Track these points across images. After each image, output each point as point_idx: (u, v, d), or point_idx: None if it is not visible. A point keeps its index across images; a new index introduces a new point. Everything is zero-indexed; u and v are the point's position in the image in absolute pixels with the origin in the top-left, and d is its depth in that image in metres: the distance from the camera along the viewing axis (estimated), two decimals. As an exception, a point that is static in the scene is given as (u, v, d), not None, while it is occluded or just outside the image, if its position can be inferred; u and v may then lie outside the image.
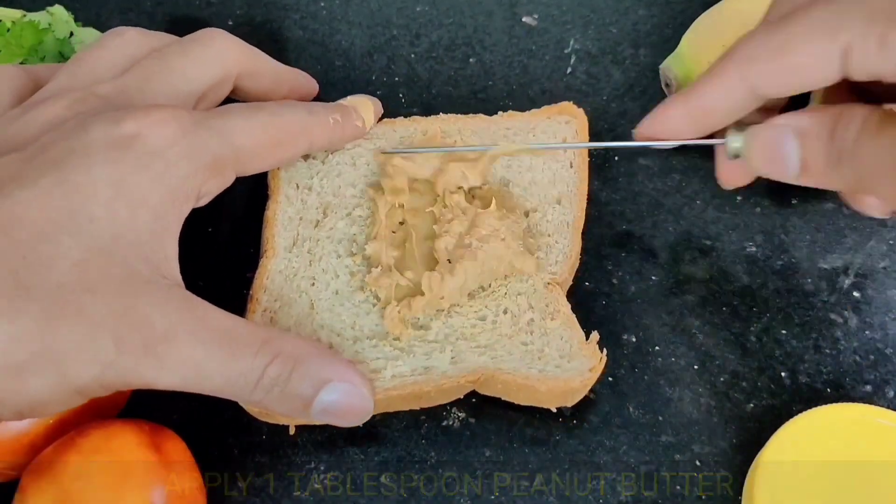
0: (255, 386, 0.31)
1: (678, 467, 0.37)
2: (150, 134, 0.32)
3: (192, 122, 0.33)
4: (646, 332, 0.40)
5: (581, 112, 0.43)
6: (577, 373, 0.36)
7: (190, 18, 0.51)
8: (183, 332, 0.30)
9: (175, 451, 0.33)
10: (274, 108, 0.37)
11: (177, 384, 0.30)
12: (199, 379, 0.31)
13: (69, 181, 0.30)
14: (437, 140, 0.42)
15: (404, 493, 0.37)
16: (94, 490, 0.31)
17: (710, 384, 0.39)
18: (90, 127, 0.32)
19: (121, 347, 0.29)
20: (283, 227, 0.40)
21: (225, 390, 0.31)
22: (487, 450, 0.37)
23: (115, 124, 0.32)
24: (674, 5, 0.50)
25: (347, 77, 0.48)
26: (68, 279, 0.29)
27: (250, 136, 0.35)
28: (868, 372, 0.39)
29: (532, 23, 0.50)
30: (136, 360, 0.29)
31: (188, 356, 0.30)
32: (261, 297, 0.38)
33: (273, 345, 0.32)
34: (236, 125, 0.35)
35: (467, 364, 0.36)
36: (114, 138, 0.31)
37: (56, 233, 0.29)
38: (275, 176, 0.42)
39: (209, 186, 0.34)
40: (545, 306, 0.38)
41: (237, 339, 0.31)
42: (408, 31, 0.50)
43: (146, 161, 0.31)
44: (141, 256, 0.31)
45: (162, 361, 0.30)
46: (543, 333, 0.37)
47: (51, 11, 0.47)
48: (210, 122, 0.34)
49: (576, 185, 0.41)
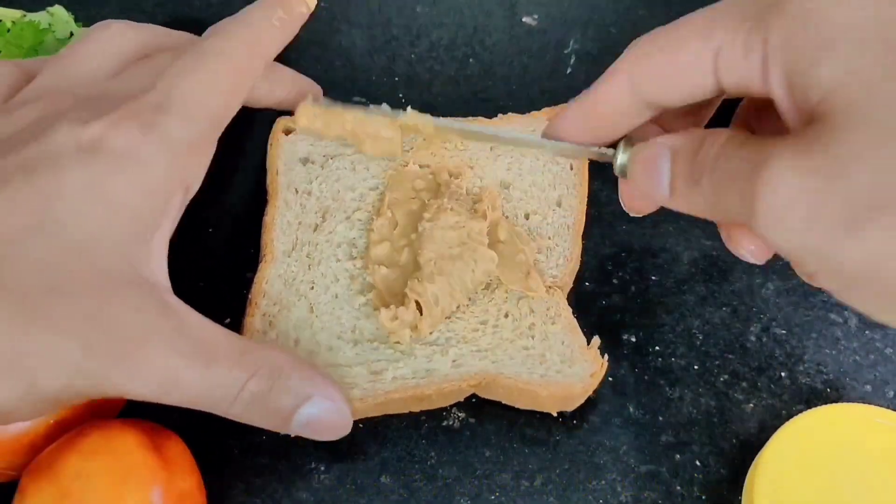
0: (235, 400, 0.30)
1: (678, 467, 0.37)
2: (115, 135, 0.31)
3: (150, 111, 0.32)
4: (646, 332, 0.40)
5: None
6: (579, 378, 0.36)
7: (190, 19, 0.51)
8: (157, 339, 0.29)
9: (175, 452, 0.33)
10: (217, 47, 0.35)
11: (150, 394, 0.29)
12: (174, 389, 0.30)
13: (37, 185, 0.30)
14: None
15: (404, 493, 0.37)
16: (94, 490, 0.31)
17: (710, 384, 0.39)
18: (57, 128, 0.31)
19: (89, 353, 0.28)
20: (281, 232, 0.40)
21: (201, 402, 0.30)
22: (487, 450, 0.37)
23: (81, 127, 0.31)
24: (674, 5, 0.50)
25: (347, 77, 0.48)
26: (37, 282, 0.28)
27: (209, 96, 0.34)
28: (868, 372, 0.39)
29: (532, 23, 0.50)
30: (106, 366, 0.29)
31: (162, 364, 0.29)
32: (259, 302, 0.38)
33: (253, 357, 0.31)
34: (191, 91, 0.33)
35: (468, 368, 0.36)
36: (81, 141, 0.31)
37: (25, 237, 0.29)
38: (273, 180, 0.41)
39: (194, 171, 0.33)
40: (546, 310, 0.38)
41: (216, 349, 0.30)
42: (408, 31, 0.50)
43: (119, 163, 0.31)
44: (117, 258, 0.30)
45: (134, 369, 0.29)
46: (545, 338, 0.37)
47: (51, 11, 0.47)
48: (166, 104, 0.33)
49: (576, 188, 0.41)
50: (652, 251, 0.42)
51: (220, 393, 0.30)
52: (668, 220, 0.43)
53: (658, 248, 0.42)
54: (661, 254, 0.42)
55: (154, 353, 0.29)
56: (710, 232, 0.43)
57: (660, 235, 0.43)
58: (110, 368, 0.29)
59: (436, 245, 0.38)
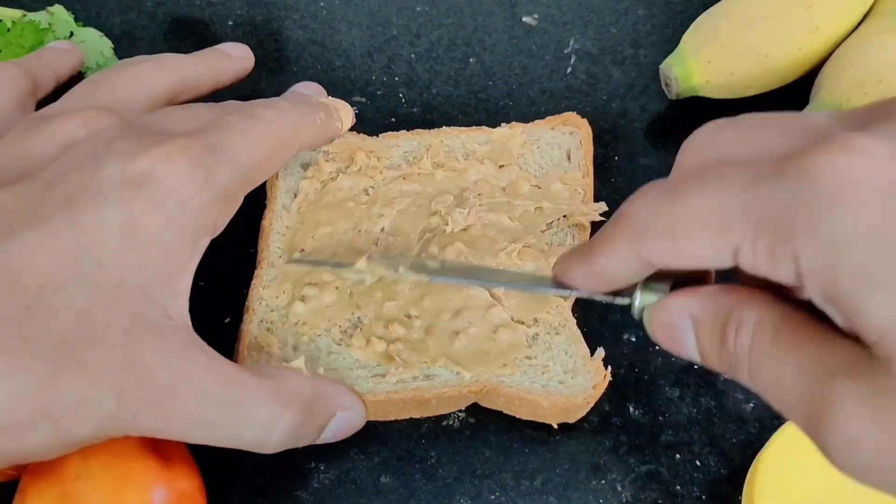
0: (268, 439, 0.31)
1: (678, 467, 0.37)
2: (163, 171, 0.31)
3: (200, 152, 0.32)
4: (646, 333, 0.40)
5: (585, 122, 0.43)
6: (581, 389, 0.36)
7: (190, 19, 0.51)
8: (186, 386, 0.30)
9: (175, 451, 0.33)
10: (267, 116, 0.36)
11: (179, 436, 0.30)
12: (204, 432, 0.30)
13: (80, 222, 0.29)
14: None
15: (404, 493, 0.37)
16: (94, 490, 0.31)
17: (710, 384, 0.39)
18: (104, 161, 0.31)
19: (122, 402, 0.29)
20: (279, 237, 0.40)
21: (233, 442, 0.31)
22: (487, 450, 0.37)
23: (129, 160, 0.31)
24: (674, 5, 0.50)
25: (347, 77, 0.48)
26: (71, 331, 0.28)
27: (253, 153, 0.34)
28: (868, 372, 0.39)
29: (532, 23, 0.50)
30: (137, 413, 0.29)
31: (191, 410, 0.30)
32: (257, 308, 0.38)
33: (281, 394, 0.32)
34: (239, 144, 0.34)
35: (470, 374, 0.36)
36: (127, 176, 0.30)
37: (62, 281, 0.29)
38: (272, 185, 0.41)
39: (223, 217, 0.34)
40: (551, 320, 0.38)
41: (244, 390, 0.31)
42: (408, 31, 0.50)
43: (159, 201, 0.31)
44: (147, 298, 0.30)
45: (164, 415, 0.29)
46: (548, 348, 0.37)
47: (51, 11, 0.47)
48: (216, 148, 0.33)
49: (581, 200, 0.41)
50: (652, 251, 0.42)
51: (251, 435, 0.31)
52: (668, 220, 0.43)
53: (658, 248, 0.42)
54: (661, 254, 0.42)
55: (183, 400, 0.30)
56: (710, 232, 0.43)
57: (660, 235, 0.43)
58: (141, 415, 0.29)
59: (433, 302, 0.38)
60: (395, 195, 0.41)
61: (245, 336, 0.37)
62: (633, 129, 0.46)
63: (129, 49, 0.49)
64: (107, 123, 0.33)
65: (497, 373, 0.36)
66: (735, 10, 0.44)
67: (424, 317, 0.37)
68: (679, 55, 0.44)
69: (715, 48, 0.43)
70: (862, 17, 0.45)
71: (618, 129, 0.46)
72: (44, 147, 0.32)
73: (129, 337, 0.29)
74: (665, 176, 0.25)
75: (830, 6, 0.43)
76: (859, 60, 0.42)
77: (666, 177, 0.26)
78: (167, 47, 0.49)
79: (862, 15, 0.45)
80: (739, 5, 0.44)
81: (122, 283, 0.30)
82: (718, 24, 0.44)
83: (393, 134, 0.43)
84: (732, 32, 0.43)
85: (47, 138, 0.32)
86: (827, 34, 0.44)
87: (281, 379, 0.32)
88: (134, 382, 0.29)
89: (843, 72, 0.42)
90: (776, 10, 0.43)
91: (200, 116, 0.36)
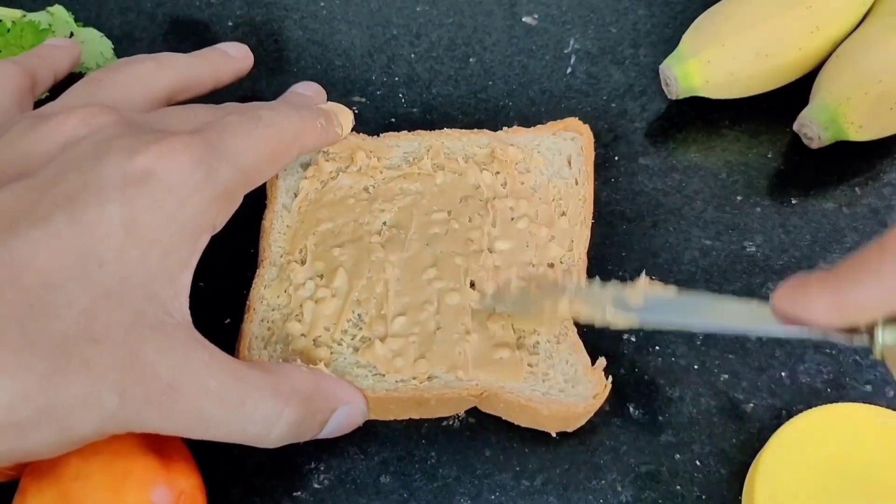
0: (270, 433, 0.31)
1: (678, 467, 0.37)
2: (164, 168, 0.31)
3: (201, 149, 0.32)
4: (646, 332, 0.40)
5: (587, 128, 0.43)
6: (581, 398, 0.36)
7: (190, 19, 0.51)
8: (188, 382, 0.30)
9: (175, 451, 0.33)
10: (269, 118, 0.36)
11: (181, 432, 0.30)
12: (206, 427, 0.30)
13: (81, 221, 0.29)
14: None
15: (404, 493, 0.37)
16: (94, 490, 0.31)
17: (710, 384, 0.39)
18: (104, 159, 0.31)
19: (125, 400, 0.29)
20: (279, 236, 0.40)
21: (234, 437, 0.31)
22: (487, 450, 0.37)
23: (129, 158, 0.31)
24: (674, 5, 0.50)
25: (347, 77, 0.48)
26: (73, 330, 0.28)
27: (253, 154, 0.34)
28: (868, 372, 0.39)
29: (532, 23, 0.50)
30: (140, 411, 0.29)
31: (193, 407, 0.30)
32: (258, 307, 0.38)
33: (282, 388, 0.32)
34: (239, 144, 0.34)
35: (471, 379, 0.36)
36: (128, 173, 0.30)
37: (64, 280, 0.29)
38: (272, 185, 0.41)
39: (223, 215, 0.34)
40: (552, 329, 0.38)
41: (245, 386, 0.31)
42: (408, 31, 0.50)
43: (159, 198, 0.31)
44: (148, 296, 0.30)
45: (166, 412, 0.30)
46: (549, 356, 0.37)
47: (51, 11, 0.47)
48: (217, 146, 0.33)
49: (581, 206, 0.41)
50: (652, 251, 0.42)
51: (253, 429, 0.31)
52: (668, 220, 0.43)
53: (658, 248, 0.42)
54: (661, 254, 0.42)
55: (185, 397, 0.30)
56: (710, 232, 0.43)
57: (660, 235, 0.43)
58: (144, 412, 0.29)
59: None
60: (395, 193, 0.41)
61: (246, 335, 0.37)
62: (633, 129, 0.46)
63: (128, 49, 0.49)
64: (107, 121, 0.33)
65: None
66: (735, 10, 0.44)
67: (425, 323, 0.37)
68: (679, 55, 0.44)
69: (715, 48, 0.43)
70: (862, 17, 0.45)
71: (618, 129, 0.46)
72: (44, 145, 0.32)
73: (131, 334, 0.29)
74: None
75: (830, 6, 0.43)
76: (859, 60, 0.42)
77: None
78: (167, 48, 0.49)
79: (862, 15, 0.45)
80: (739, 5, 0.44)
81: (123, 281, 0.30)
82: (718, 24, 0.44)
83: (393, 134, 0.43)
84: (732, 32, 0.43)
85: (47, 136, 0.32)
86: (827, 34, 0.44)
87: (282, 374, 0.32)
88: (136, 380, 0.29)
89: (843, 72, 0.42)
90: (776, 10, 0.43)
91: (200, 116, 0.36)
